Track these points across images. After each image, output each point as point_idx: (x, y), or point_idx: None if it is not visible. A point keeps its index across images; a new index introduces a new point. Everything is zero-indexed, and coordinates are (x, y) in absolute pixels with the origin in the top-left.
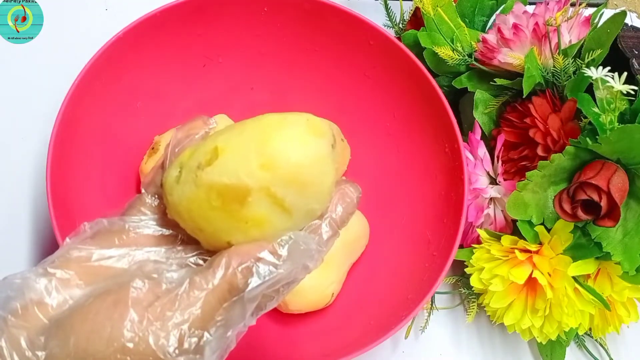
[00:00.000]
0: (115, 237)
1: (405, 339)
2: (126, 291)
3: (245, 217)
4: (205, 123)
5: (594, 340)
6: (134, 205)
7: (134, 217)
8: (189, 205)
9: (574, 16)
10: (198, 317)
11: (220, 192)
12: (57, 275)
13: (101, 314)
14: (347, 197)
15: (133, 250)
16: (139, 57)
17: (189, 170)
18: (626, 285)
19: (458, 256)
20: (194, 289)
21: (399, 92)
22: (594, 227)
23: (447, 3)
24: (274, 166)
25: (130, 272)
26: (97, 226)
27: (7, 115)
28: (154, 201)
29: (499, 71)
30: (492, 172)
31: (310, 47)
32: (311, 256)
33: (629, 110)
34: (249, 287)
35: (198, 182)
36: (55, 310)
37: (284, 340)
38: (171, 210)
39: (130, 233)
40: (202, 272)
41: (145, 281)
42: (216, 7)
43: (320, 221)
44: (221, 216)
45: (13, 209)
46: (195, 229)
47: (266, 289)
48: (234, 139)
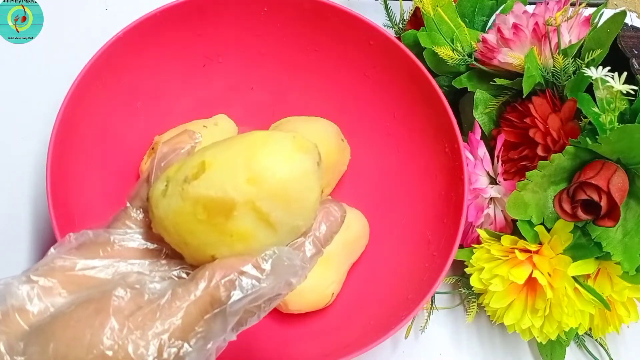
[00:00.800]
0: (99, 249)
1: (405, 339)
2: (108, 299)
3: (231, 230)
4: (191, 137)
5: (594, 340)
6: (119, 218)
7: (119, 230)
8: (175, 218)
9: (574, 16)
10: (178, 327)
11: (206, 205)
12: (40, 282)
13: (82, 321)
14: (331, 216)
15: (117, 262)
16: (139, 57)
17: (175, 184)
18: (626, 285)
19: (458, 256)
20: (176, 300)
21: (399, 92)
22: (594, 227)
23: (447, 3)
24: (260, 181)
25: (113, 282)
26: (82, 237)
27: (7, 115)
28: (138, 214)
29: (499, 71)
30: (492, 172)
31: (310, 47)
32: (295, 272)
33: (629, 110)
34: (231, 300)
35: (184, 195)
36: (37, 317)
37: (284, 340)
38: (156, 223)
39: (115, 245)
40: (185, 284)
41: (128, 290)
42: (216, 7)
43: (304, 239)
44: (206, 229)
45: (13, 209)
46: (181, 242)
47: (248, 304)
48: (221, 154)
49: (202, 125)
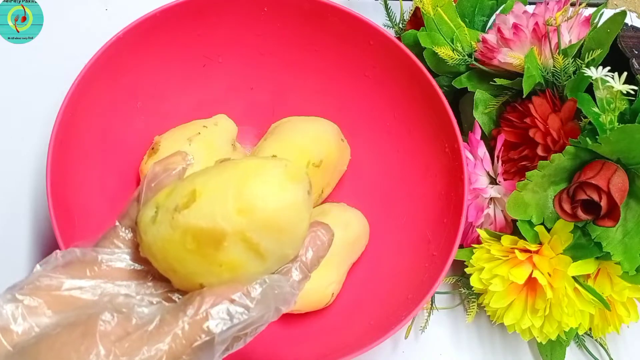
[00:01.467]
0: (87, 268)
1: (405, 339)
2: (95, 324)
3: (220, 261)
4: (183, 159)
5: (594, 340)
6: (108, 236)
7: (107, 249)
8: (163, 246)
9: (574, 16)
10: (166, 354)
11: (196, 236)
12: (25, 302)
13: (68, 345)
14: (318, 240)
15: (104, 282)
16: (139, 57)
17: (165, 212)
18: (626, 285)
19: (458, 256)
20: (164, 326)
21: (399, 92)
22: (594, 227)
23: (447, 3)
24: (251, 211)
25: (100, 305)
26: (69, 255)
27: (7, 115)
28: (127, 234)
29: (499, 71)
30: (492, 172)
31: (310, 47)
32: (284, 299)
33: (629, 110)
34: (220, 329)
35: (174, 224)
36: (21, 337)
37: (284, 340)
38: (145, 249)
39: (102, 265)
40: (174, 311)
41: (115, 315)
42: (216, 7)
43: (292, 265)
44: (195, 259)
45: (13, 209)
46: (169, 269)
47: (237, 332)
48: (212, 182)
49: (202, 125)
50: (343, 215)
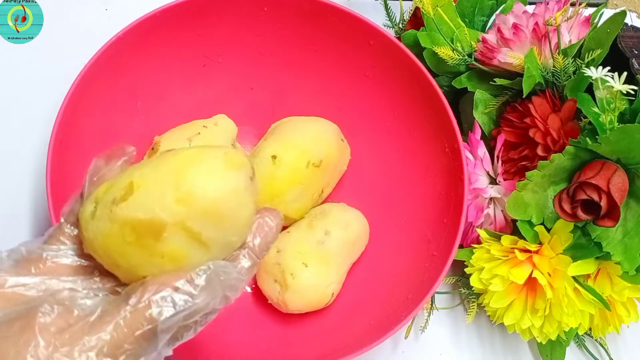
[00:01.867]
0: (32, 265)
1: (405, 339)
2: (34, 316)
3: (161, 252)
4: (124, 151)
5: (594, 340)
6: (54, 234)
7: (52, 247)
8: (104, 240)
9: (574, 16)
10: (107, 344)
11: (135, 227)
12: None
13: (7, 339)
14: (265, 226)
15: (49, 279)
16: (139, 57)
17: (103, 206)
18: (626, 285)
19: (458, 256)
20: (106, 316)
21: (399, 92)
22: (594, 227)
23: (447, 3)
24: (190, 200)
25: (43, 299)
26: (15, 254)
27: (7, 115)
28: (72, 230)
29: (499, 71)
30: (492, 172)
31: (310, 47)
32: (231, 286)
33: (629, 110)
34: (163, 317)
35: (112, 217)
36: None
37: (284, 340)
38: (87, 245)
39: (47, 262)
40: (117, 301)
41: (55, 307)
42: (216, 7)
43: (239, 252)
44: (136, 252)
45: (13, 209)
46: (112, 264)
47: (182, 320)
48: (150, 174)
49: (202, 125)
50: (343, 215)
